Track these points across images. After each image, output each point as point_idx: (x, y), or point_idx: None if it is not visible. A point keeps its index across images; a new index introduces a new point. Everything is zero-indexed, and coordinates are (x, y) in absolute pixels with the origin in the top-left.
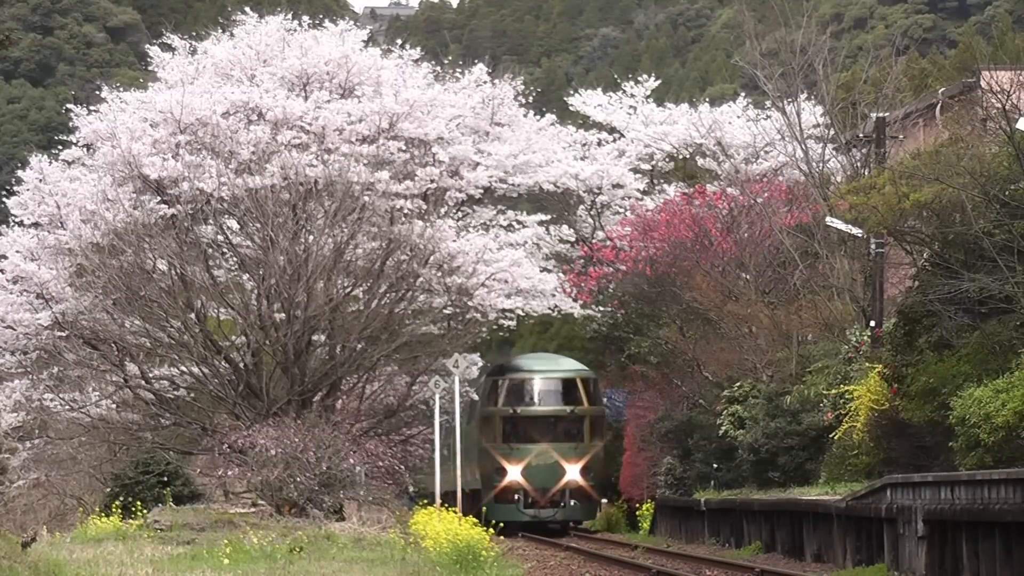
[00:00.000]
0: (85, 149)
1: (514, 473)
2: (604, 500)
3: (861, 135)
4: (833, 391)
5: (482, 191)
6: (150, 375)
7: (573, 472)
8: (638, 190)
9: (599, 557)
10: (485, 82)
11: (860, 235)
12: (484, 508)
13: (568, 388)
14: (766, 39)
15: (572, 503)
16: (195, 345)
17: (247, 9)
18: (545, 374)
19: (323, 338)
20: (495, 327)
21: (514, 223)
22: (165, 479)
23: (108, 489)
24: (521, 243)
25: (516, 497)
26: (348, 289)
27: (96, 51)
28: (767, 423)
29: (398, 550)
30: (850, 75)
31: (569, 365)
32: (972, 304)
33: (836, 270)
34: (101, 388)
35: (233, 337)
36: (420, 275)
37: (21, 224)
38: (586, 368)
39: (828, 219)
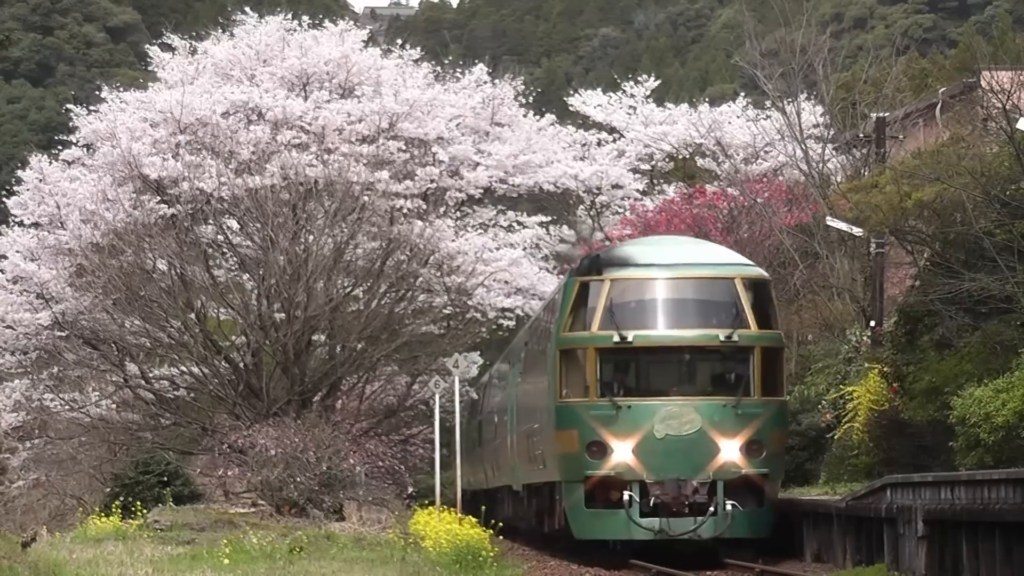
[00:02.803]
0: (85, 149)
1: (622, 453)
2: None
3: (861, 135)
4: (833, 394)
5: (482, 191)
6: (150, 375)
7: (731, 450)
8: (638, 190)
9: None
10: (485, 82)
11: (860, 235)
12: (567, 516)
13: (722, 297)
14: (766, 39)
15: (729, 507)
16: (195, 345)
17: (247, 9)
18: (680, 271)
19: (323, 338)
20: (495, 327)
21: (514, 223)
22: (165, 479)
23: (108, 489)
24: (521, 243)
25: (626, 497)
26: (348, 289)
27: (96, 51)
28: None
29: (398, 550)
30: (850, 75)
31: (720, 256)
32: (973, 304)
33: (836, 270)
34: (101, 388)
35: (233, 337)
36: (420, 275)
37: (21, 224)
38: (750, 262)
39: (828, 219)
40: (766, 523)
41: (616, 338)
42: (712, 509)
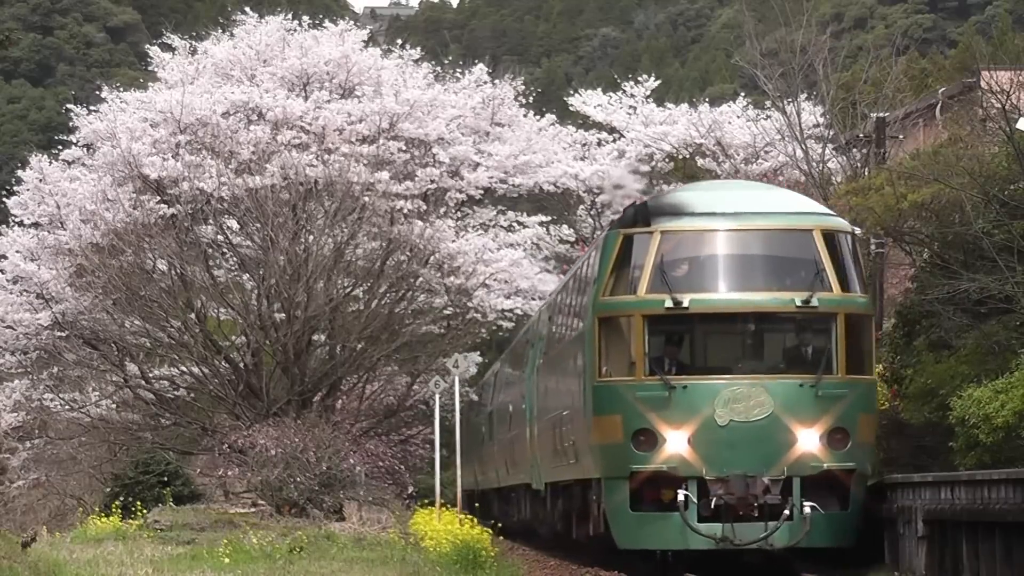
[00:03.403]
0: (85, 149)
1: (676, 443)
2: None
3: (861, 135)
4: None
5: (482, 191)
6: (150, 375)
7: (809, 440)
8: (638, 190)
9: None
10: (485, 82)
11: (859, 235)
12: (607, 520)
13: (798, 253)
14: (766, 39)
15: (808, 510)
16: (195, 345)
17: (247, 9)
18: (746, 221)
19: (323, 338)
20: (495, 327)
21: (514, 223)
22: (165, 479)
23: (108, 489)
24: (521, 243)
25: (680, 498)
26: (348, 289)
27: (96, 51)
28: None
29: (398, 550)
30: (850, 75)
31: (795, 203)
32: (971, 304)
33: None
34: (101, 388)
35: (233, 337)
36: (420, 275)
37: (21, 224)
38: (831, 211)
39: None
40: (851, 529)
41: (668, 303)
42: (787, 512)
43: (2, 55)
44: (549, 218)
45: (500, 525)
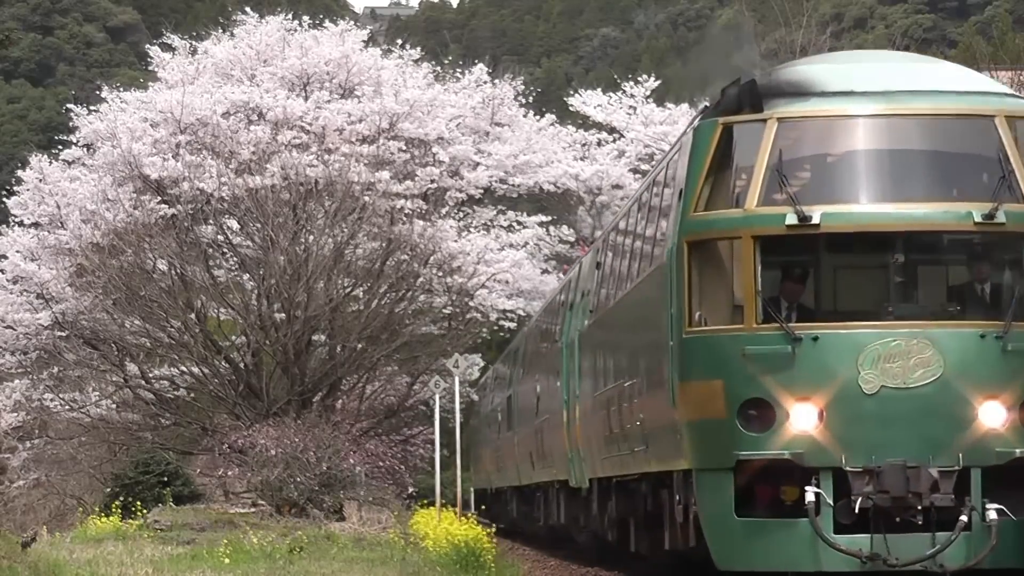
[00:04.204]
0: (85, 149)
1: (803, 420)
2: None
3: None
4: None
5: (482, 191)
6: (150, 375)
7: (995, 415)
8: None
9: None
10: (485, 82)
11: None
12: (702, 529)
13: (975, 148)
14: (766, 39)
15: (993, 515)
16: (195, 345)
17: (247, 9)
18: (900, 102)
19: (323, 338)
20: (496, 327)
21: (514, 223)
22: (165, 479)
23: (108, 489)
24: (522, 244)
25: (810, 498)
26: (348, 289)
27: (96, 51)
28: None
29: (398, 550)
30: None
31: (966, 80)
32: None
33: None
34: (101, 388)
35: (233, 337)
36: (420, 275)
37: (21, 224)
38: (1015, 92)
39: None
40: None
41: (791, 219)
42: (963, 518)
43: (2, 55)
44: (549, 218)
45: (502, 526)
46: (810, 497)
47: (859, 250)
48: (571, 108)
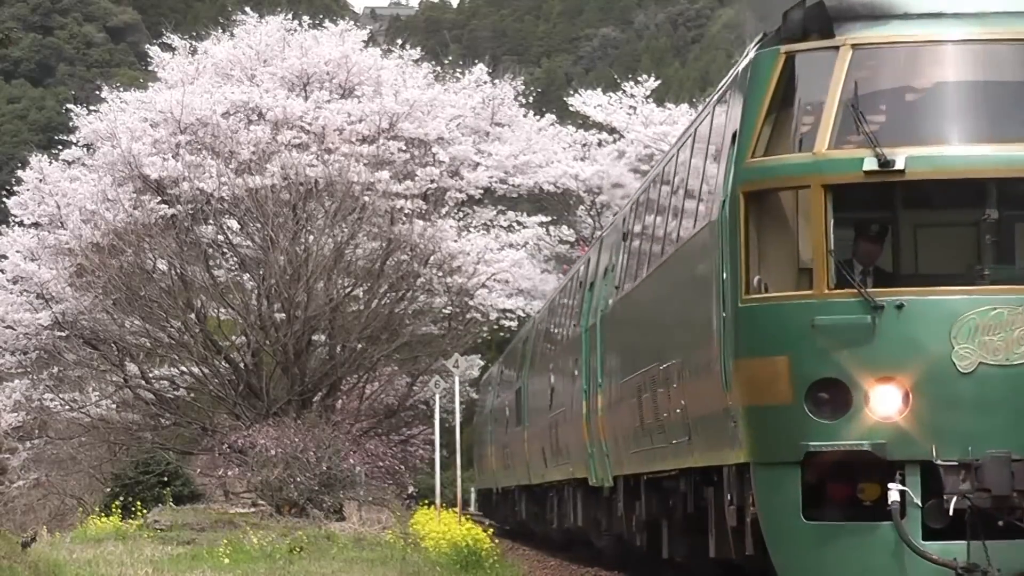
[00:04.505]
0: (85, 149)
1: (884, 404)
2: None
3: None
4: None
5: (482, 191)
6: (150, 375)
7: None
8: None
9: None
10: (485, 82)
11: None
12: (756, 533)
13: None
14: None
15: None
16: (195, 345)
17: (247, 9)
18: (997, 25)
19: (323, 338)
20: (496, 327)
21: (514, 224)
22: (165, 479)
23: (108, 489)
24: (522, 244)
25: (893, 496)
26: (348, 289)
27: (96, 51)
28: None
29: (398, 550)
30: None
31: None
32: None
33: None
34: (101, 388)
35: (233, 337)
36: (420, 275)
37: (21, 224)
38: None
39: None
40: None
41: (869, 164)
42: None
43: (2, 55)
44: (549, 218)
45: (507, 527)
46: (894, 496)
47: (953, 201)
48: (571, 108)
